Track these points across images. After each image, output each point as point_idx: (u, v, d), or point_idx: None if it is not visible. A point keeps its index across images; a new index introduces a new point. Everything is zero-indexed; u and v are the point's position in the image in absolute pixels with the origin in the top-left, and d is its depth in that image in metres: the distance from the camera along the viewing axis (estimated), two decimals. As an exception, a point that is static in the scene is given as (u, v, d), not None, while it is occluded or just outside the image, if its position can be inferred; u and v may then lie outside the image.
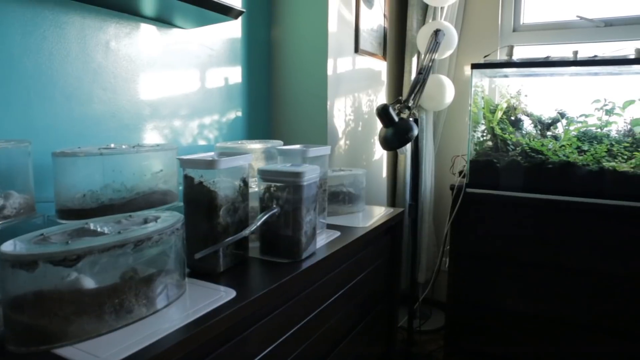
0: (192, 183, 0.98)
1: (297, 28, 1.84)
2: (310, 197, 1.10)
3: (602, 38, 2.33)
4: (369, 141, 2.18)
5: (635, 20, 2.28)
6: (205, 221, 0.98)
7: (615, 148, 1.89)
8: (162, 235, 0.81)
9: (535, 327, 1.91)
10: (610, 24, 2.32)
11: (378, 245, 1.54)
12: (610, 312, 1.78)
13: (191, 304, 0.85)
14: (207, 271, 1.00)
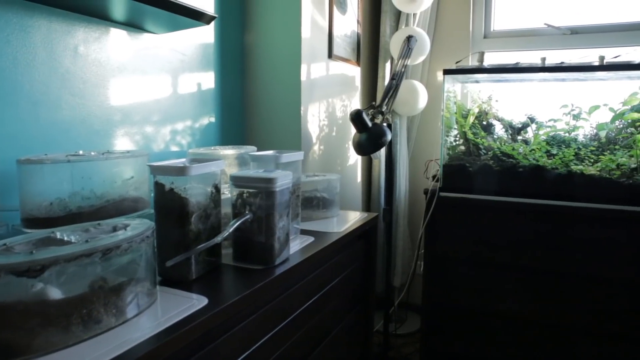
0: (163, 190, 0.97)
1: (271, 33, 1.84)
2: (283, 202, 1.09)
3: (569, 45, 2.39)
4: (344, 146, 2.19)
5: (598, 28, 2.35)
6: (177, 228, 0.97)
7: (583, 152, 1.94)
8: (131, 243, 0.79)
9: (510, 329, 1.94)
10: (576, 31, 2.39)
11: (352, 250, 1.55)
12: (585, 312, 1.82)
13: (162, 312, 0.84)
14: (179, 279, 0.99)
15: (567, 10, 2.43)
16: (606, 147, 1.95)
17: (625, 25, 2.32)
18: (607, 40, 2.32)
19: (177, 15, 1.26)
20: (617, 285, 1.78)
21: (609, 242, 1.77)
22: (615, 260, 1.77)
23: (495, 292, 1.94)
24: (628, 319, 1.77)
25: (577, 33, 2.39)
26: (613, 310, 1.79)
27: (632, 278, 1.75)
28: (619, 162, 1.84)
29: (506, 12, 2.55)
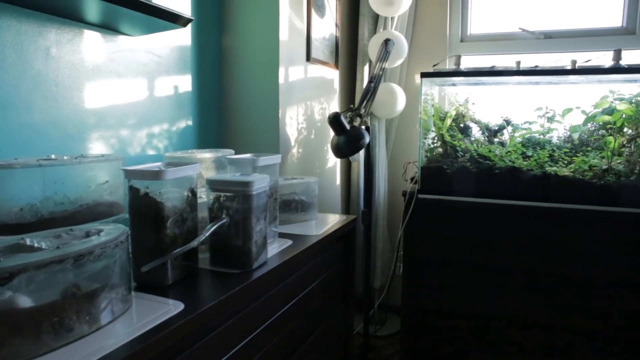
0: (138, 194, 0.95)
1: (248, 36, 1.83)
2: (260, 206, 1.09)
3: (542, 49, 2.44)
4: (322, 149, 2.20)
5: (571, 33, 2.41)
6: (152, 233, 0.96)
7: (557, 153, 1.98)
8: (105, 248, 0.78)
9: (490, 329, 1.96)
10: (550, 36, 2.44)
11: (331, 252, 1.55)
12: (563, 311, 1.85)
13: (138, 318, 0.83)
14: (155, 284, 0.97)
15: (541, 15, 2.48)
16: (579, 149, 2.00)
17: (596, 31, 2.38)
18: (579, 45, 2.38)
19: (153, 17, 1.25)
20: (593, 283, 1.81)
21: (584, 241, 1.81)
22: (589, 259, 1.80)
23: (474, 292, 1.96)
24: (606, 317, 1.81)
25: (550, 38, 2.44)
26: (591, 308, 1.82)
27: (606, 276, 1.79)
28: (591, 164, 1.88)
29: (482, 17, 2.58)
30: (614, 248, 1.77)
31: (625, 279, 1.77)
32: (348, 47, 2.51)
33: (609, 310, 1.80)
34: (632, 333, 1.78)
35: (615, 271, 1.78)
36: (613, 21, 2.37)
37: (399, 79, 2.49)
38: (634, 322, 1.78)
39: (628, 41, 2.30)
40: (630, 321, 1.78)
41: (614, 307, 1.79)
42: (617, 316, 1.79)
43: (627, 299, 1.78)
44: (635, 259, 1.75)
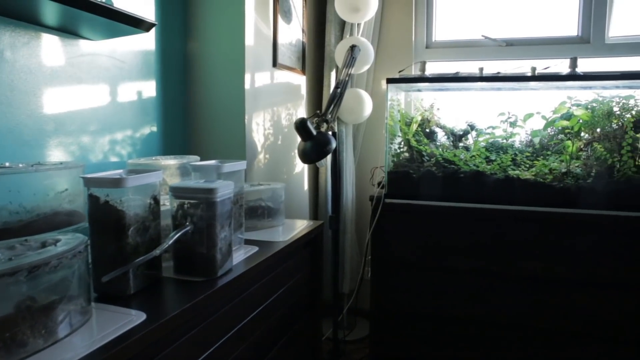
0: (98, 203, 0.93)
1: (213, 41, 1.82)
2: (225, 213, 1.08)
3: (504, 56, 2.51)
4: (289, 154, 2.20)
5: (531, 41, 2.48)
6: (113, 242, 0.93)
7: (519, 157, 2.04)
8: (62, 259, 0.76)
9: (458, 332, 1.99)
10: (511, 44, 2.50)
11: (298, 258, 1.55)
12: (530, 311, 1.90)
13: (98, 330, 0.80)
14: (116, 294, 0.95)
15: (502, 23, 2.55)
16: (540, 153, 2.06)
17: (554, 39, 2.46)
18: (538, 52, 2.45)
19: (115, 22, 1.23)
20: (556, 282, 1.87)
21: (546, 242, 1.86)
22: (552, 259, 1.85)
23: (442, 295, 1.99)
24: (568, 317, 1.86)
25: (512, 45, 2.51)
26: (555, 306, 1.87)
27: (568, 275, 1.85)
28: (551, 167, 1.94)
29: (447, 24, 2.64)
30: (574, 248, 1.83)
31: (586, 278, 1.83)
32: (315, 53, 2.52)
33: (571, 308, 1.85)
34: (593, 329, 1.84)
35: (576, 270, 1.83)
36: (569, 30, 2.45)
37: (365, 84, 2.52)
38: (595, 319, 1.84)
39: (583, 50, 2.39)
40: (592, 318, 1.84)
41: (577, 305, 1.85)
42: (579, 314, 1.85)
43: (588, 297, 1.83)
44: (594, 258, 1.81)
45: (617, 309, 1.81)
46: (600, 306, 1.83)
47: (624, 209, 1.79)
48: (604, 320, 1.83)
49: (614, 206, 1.80)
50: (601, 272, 1.82)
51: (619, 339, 1.82)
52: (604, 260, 1.81)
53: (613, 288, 1.81)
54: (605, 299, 1.82)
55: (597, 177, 1.86)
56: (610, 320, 1.82)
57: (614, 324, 1.82)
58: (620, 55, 2.37)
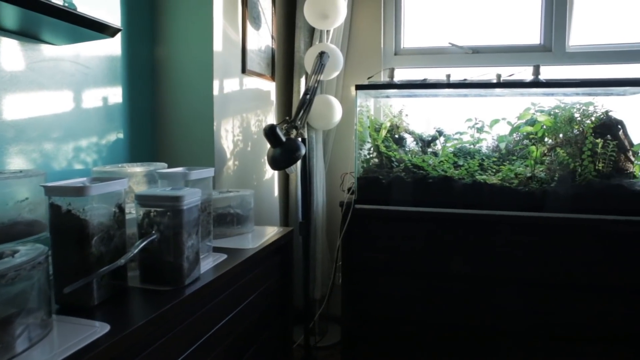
0: (60, 212, 0.91)
1: (181, 47, 1.80)
2: (192, 221, 1.07)
3: (471, 64, 2.56)
4: (259, 161, 2.19)
5: (496, 49, 2.55)
6: (76, 252, 0.91)
7: (486, 162, 2.08)
8: (19, 271, 0.74)
9: (430, 336, 2.01)
10: (477, 51, 2.56)
11: (268, 265, 1.54)
12: (502, 315, 1.93)
13: (59, 343, 0.78)
14: (79, 306, 0.93)
15: (469, 31, 2.60)
16: (506, 158, 2.10)
17: (518, 47, 2.53)
18: (503, 60, 2.52)
19: (78, 26, 1.20)
20: (524, 285, 1.91)
21: (514, 245, 1.90)
22: (519, 263, 1.90)
23: (413, 300, 2.01)
24: (536, 318, 1.91)
25: (478, 52, 2.57)
26: (522, 310, 1.91)
27: (534, 278, 1.89)
28: (517, 172, 1.99)
29: (415, 31, 2.68)
30: (540, 250, 1.88)
31: (551, 279, 1.88)
32: (284, 59, 2.52)
33: (539, 309, 1.90)
34: (561, 330, 1.89)
35: (543, 272, 1.88)
36: (532, 39, 2.53)
37: (335, 90, 2.53)
38: (563, 320, 1.88)
39: (545, 58, 2.46)
40: (559, 319, 1.89)
41: (544, 306, 1.89)
42: (548, 315, 1.89)
43: (554, 299, 1.88)
44: (560, 260, 1.86)
45: (581, 310, 1.86)
46: (566, 306, 1.87)
47: (585, 211, 1.85)
48: (572, 320, 1.88)
49: (576, 209, 1.86)
50: (566, 274, 1.87)
51: (589, 338, 1.88)
52: (569, 262, 1.86)
53: (578, 289, 1.87)
54: (570, 299, 1.87)
55: (560, 181, 1.91)
56: (577, 321, 1.87)
57: (581, 324, 1.87)
58: (580, 64, 2.45)
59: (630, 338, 1.84)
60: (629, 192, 1.83)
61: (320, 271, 2.50)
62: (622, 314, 1.84)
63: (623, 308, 1.84)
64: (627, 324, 1.83)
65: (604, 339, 1.86)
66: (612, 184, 1.86)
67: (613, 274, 1.83)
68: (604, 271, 1.84)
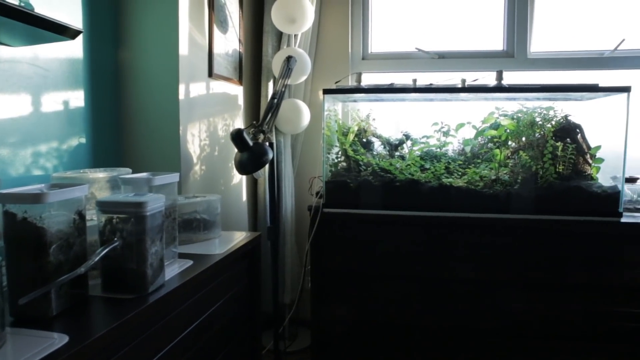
0: (15, 220, 0.88)
1: (146, 50, 1.77)
2: (156, 227, 1.05)
3: (437, 69, 2.61)
4: (227, 166, 2.17)
5: (461, 54, 2.60)
6: (32, 261, 0.88)
7: (452, 166, 2.11)
8: (-29, 282, 0.71)
9: (399, 338, 2.02)
10: (443, 56, 2.61)
11: (235, 270, 1.53)
12: (468, 315, 1.96)
13: (13, 357, 0.75)
14: (36, 317, 0.89)
15: (435, 37, 2.65)
16: (471, 161, 2.14)
17: (482, 53, 2.59)
18: (468, 65, 2.57)
19: (36, 28, 1.17)
20: (492, 285, 1.95)
21: (479, 247, 1.93)
22: (485, 263, 1.93)
23: (382, 303, 2.02)
24: (504, 318, 1.94)
25: (444, 58, 2.61)
26: (489, 309, 1.95)
27: (500, 278, 1.93)
28: (482, 175, 2.03)
29: (383, 36, 2.71)
30: (506, 251, 1.92)
31: (516, 279, 1.92)
32: (252, 63, 2.51)
33: (505, 309, 1.94)
34: (528, 329, 1.93)
35: (507, 272, 1.92)
36: (496, 45, 2.59)
37: (303, 95, 2.53)
38: (527, 319, 1.93)
39: (508, 63, 2.52)
40: (524, 318, 1.93)
41: (510, 306, 1.93)
42: (514, 314, 1.93)
43: (520, 298, 1.92)
44: (525, 260, 1.91)
45: (546, 308, 1.91)
46: (531, 306, 1.92)
47: (547, 212, 1.90)
48: (539, 319, 1.92)
49: (539, 210, 1.91)
50: (529, 273, 1.91)
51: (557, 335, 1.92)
52: (533, 262, 1.91)
53: (541, 288, 1.92)
54: (534, 298, 1.92)
55: (523, 183, 1.96)
56: (544, 319, 1.92)
57: (547, 322, 1.92)
58: (541, 69, 2.53)
59: (591, 334, 1.90)
60: (587, 193, 1.89)
61: (290, 276, 2.49)
62: (583, 311, 1.89)
63: (582, 305, 1.89)
64: (587, 320, 1.89)
65: (565, 336, 1.92)
66: (571, 186, 1.92)
67: (573, 273, 1.89)
68: (565, 270, 1.89)
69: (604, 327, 1.89)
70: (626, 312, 1.87)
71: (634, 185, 2.08)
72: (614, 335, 1.89)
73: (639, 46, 2.44)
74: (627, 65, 2.45)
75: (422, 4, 2.68)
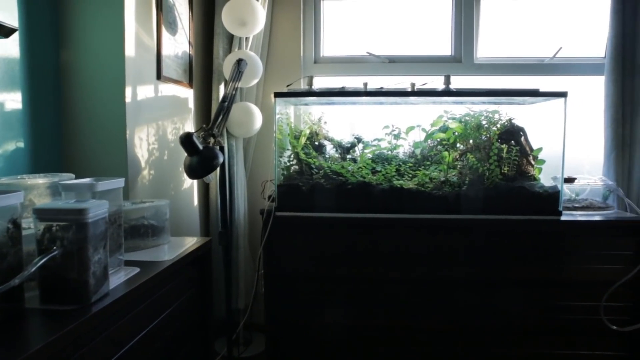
0: (-59, 229, 0.82)
1: (90, 51, 1.70)
2: (98, 234, 1.01)
3: (388, 73, 2.65)
4: (177, 170, 2.12)
5: (411, 59, 2.65)
6: (-38, 273, 0.83)
7: (402, 168, 2.15)
8: None
9: (354, 340, 2.04)
10: (393, 60, 2.65)
11: (185, 276, 1.49)
12: (421, 313, 2.00)
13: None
14: (-34, 333, 0.84)
15: (386, 41, 2.69)
16: (421, 163, 2.19)
17: (431, 58, 2.66)
18: (417, 69, 2.63)
19: (-34, 26, 1.11)
20: (441, 284, 1.99)
21: (430, 247, 1.98)
22: (437, 263, 1.98)
23: (336, 305, 2.03)
24: (457, 315, 1.99)
25: (394, 62, 2.66)
26: (442, 307, 2.00)
27: (451, 276, 1.98)
28: (431, 176, 2.08)
29: (335, 40, 2.73)
30: (456, 251, 1.97)
31: (467, 278, 1.98)
32: (203, 66, 2.47)
33: (457, 306, 1.99)
34: (482, 324, 1.99)
35: (458, 271, 1.97)
36: (444, 50, 2.66)
37: (255, 98, 2.52)
38: (477, 316, 1.98)
39: (456, 68, 2.60)
40: (473, 315, 1.99)
41: (463, 303, 1.99)
42: (465, 312, 1.99)
43: (469, 296, 1.98)
44: (474, 259, 1.97)
45: (496, 304, 1.98)
46: (483, 302, 1.98)
47: (494, 212, 1.97)
48: (490, 316, 1.98)
49: (486, 210, 1.97)
50: (477, 272, 1.97)
51: (506, 330, 1.99)
52: (481, 261, 1.97)
53: (491, 285, 1.98)
54: (486, 295, 1.98)
55: (471, 184, 2.02)
56: (494, 315, 1.98)
57: (498, 317, 1.98)
58: (487, 74, 2.62)
59: (537, 327, 1.98)
60: (530, 193, 1.97)
61: (244, 280, 2.46)
62: (529, 306, 1.97)
63: (527, 300, 1.97)
64: (534, 314, 1.97)
65: (514, 330, 1.99)
66: (515, 186, 1.99)
67: (518, 270, 1.96)
68: (510, 267, 1.96)
69: (548, 320, 1.98)
70: (569, 305, 1.97)
71: (572, 185, 2.19)
72: (554, 328, 1.98)
73: (575, 54, 2.58)
74: (564, 72, 2.58)
75: (373, 9, 2.72)
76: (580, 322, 1.96)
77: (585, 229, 1.96)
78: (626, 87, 2.35)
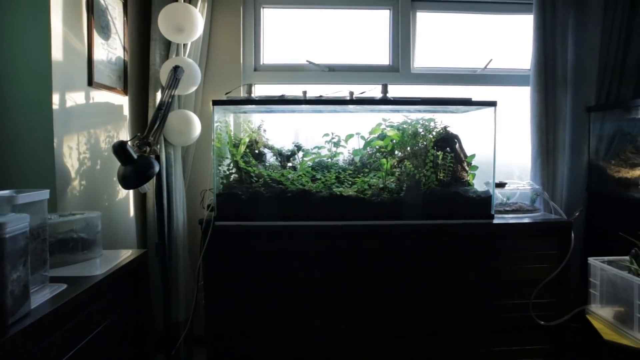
0: None
1: (12, 55, 1.60)
2: (17, 250, 0.95)
3: (327, 81, 2.68)
4: (111, 180, 2.04)
5: (350, 67, 2.70)
6: None
7: (342, 175, 2.17)
8: None
9: (297, 346, 2.03)
10: (333, 69, 2.69)
11: (119, 291, 1.44)
12: (366, 319, 2.03)
13: None
14: None
15: (326, 50, 2.72)
16: (361, 170, 2.22)
17: (370, 67, 2.71)
18: (356, 78, 2.67)
19: None
20: (381, 288, 2.02)
21: (370, 253, 2.01)
22: (375, 268, 2.01)
23: (277, 313, 2.02)
24: (399, 318, 2.03)
25: (333, 71, 2.69)
26: (382, 312, 2.02)
27: (388, 281, 2.01)
28: (370, 183, 2.11)
29: (275, 48, 2.73)
30: (393, 256, 2.01)
31: (407, 282, 2.03)
32: (139, 73, 2.39)
33: (397, 310, 2.03)
34: (413, 328, 2.03)
35: (398, 275, 2.02)
36: (382, 59, 2.72)
37: (194, 106, 2.47)
38: (415, 318, 2.03)
39: (393, 77, 2.67)
40: (410, 317, 2.03)
41: (404, 306, 2.03)
42: (410, 315, 2.03)
43: (406, 299, 2.02)
44: (411, 263, 2.01)
45: (433, 306, 2.03)
46: (421, 304, 2.03)
47: (431, 217, 2.03)
48: (427, 316, 2.03)
49: (424, 215, 2.03)
50: (417, 275, 2.02)
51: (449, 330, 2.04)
52: (421, 264, 2.02)
53: (429, 288, 2.04)
54: (424, 297, 2.03)
55: (408, 190, 2.07)
56: (433, 316, 2.03)
57: (436, 318, 2.03)
58: (423, 84, 2.71)
59: (473, 329, 2.05)
60: (464, 198, 2.04)
61: (184, 292, 2.39)
62: (467, 306, 2.04)
63: (465, 300, 2.04)
64: (469, 315, 2.04)
65: (453, 332, 2.05)
66: (451, 192, 2.06)
67: (455, 272, 2.03)
68: (448, 270, 2.03)
69: (484, 319, 2.06)
70: (502, 304, 2.05)
71: (503, 189, 2.29)
72: (489, 326, 2.06)
73: (504, 66, 2.71)
74: (495, 82, 2.71)
75: (313, 18, 2.75)
76: (512, 320, 2.05)
77: (515, 231, 2.07)
78: (549, 97, 2.50)
